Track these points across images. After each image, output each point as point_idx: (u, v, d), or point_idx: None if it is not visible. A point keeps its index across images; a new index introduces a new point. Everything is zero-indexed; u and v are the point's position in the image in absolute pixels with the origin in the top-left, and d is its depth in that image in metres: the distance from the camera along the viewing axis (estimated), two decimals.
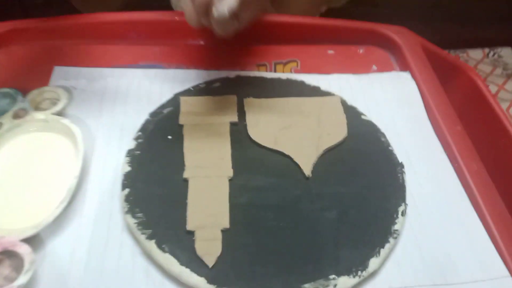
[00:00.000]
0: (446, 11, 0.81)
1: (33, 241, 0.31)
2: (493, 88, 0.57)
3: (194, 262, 0.30)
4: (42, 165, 0.36)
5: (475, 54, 0.62)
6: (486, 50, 0.62)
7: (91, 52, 0.46)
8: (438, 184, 0.38)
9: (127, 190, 0.34)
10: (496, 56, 0.62)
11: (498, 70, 0.60)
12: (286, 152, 0.37)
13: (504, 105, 0.55)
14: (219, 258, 0.31)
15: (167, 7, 0.66)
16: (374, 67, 0.48)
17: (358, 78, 0.46)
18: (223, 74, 0.44)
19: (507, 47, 0.62)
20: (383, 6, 0.91)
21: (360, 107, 0.42)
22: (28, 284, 0.29)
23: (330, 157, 0.38)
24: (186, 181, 0.35)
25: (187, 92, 0.41)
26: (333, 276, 0.30)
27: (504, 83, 0.58)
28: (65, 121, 0.38)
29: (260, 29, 0.47)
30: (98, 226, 0.33)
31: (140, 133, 0.38)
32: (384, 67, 0.48)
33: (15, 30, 0.46)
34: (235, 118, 0.40)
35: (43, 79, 0.42)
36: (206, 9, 0.34)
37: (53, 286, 0.29)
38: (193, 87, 0.42)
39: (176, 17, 0.47)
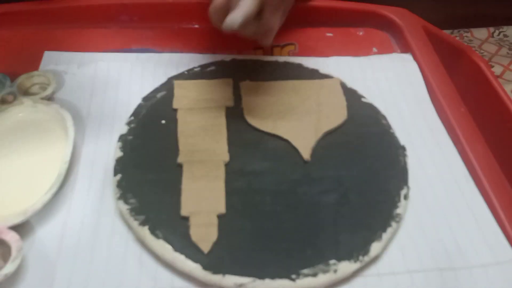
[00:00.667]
0: None
1: (22, 228, 0.30)
2: (498, 69, 0.56)
3: (188, 248, 0.29)
4: (31, 151, 0.34)
5: (480, 33, 0.60)
6: (491, 29, 0.60)
7: (83, 36, 0.45)
8: (442, 167, 0.36)
9: (119, 176, 0.32)
10: (501, 35, 0.60)
11: (504, 50, 0.58)
12: (284, 136, 0.36)
13: (510, 86, 0.54)
14: (215, 244, 0.29)
15: None
16: (375, 50, 0.47)
17: (358, 60, 0.45)
18: (218, 57, 0.43)
19: None
20: None
21: (360, 90, 0.41)
22: (16, 273, 0.28)
23: (330, 141, 0.37)
24: (180, 166, 0.33)
25: (181, 76, 0.40)
26: (333, 261, 0.29)
27: (510, 63, 0.56)
28: (54, 106, 0.36)
29: None
30: (89, 213, 0.31)
31: (132, 118, 0.36)
32: (384, 50, 0.47)
33: (5, 13, 0.44)
34: (231, 102, 0.38)
35: (33, 64, 0.41)
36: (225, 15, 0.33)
37: (41, 275, 0.28)
38: (187, 71, 0.41)
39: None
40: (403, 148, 0.36)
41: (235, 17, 0.31)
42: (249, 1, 0.32)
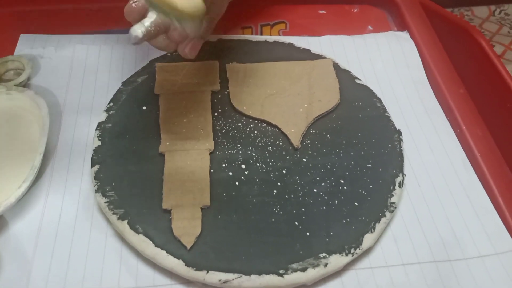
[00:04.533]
0: None
1: None
2: (499, 48, 0.53)
3: (170, 243, 0.27)
4: (4, 141, 0.33)
5: (480, 12, 0.58)
6: (492, 7, 0.58)
7: (60, 17, 0.42)
8: (439, 152, 0.35)
9: (97, 167, 0.31)
10: (502, 13, 0.58)
11: (505, 29, 0.56)
12: (273, 122, 0.34)
13: (511, 67, 0.51)
14: (198, 238, 0.28)
15: None
16: (370, 28, 0.45)
17: (352, 39, 0.43)
18: None
19: None
20: None
21: (354, 71, 0.39)
22: None
23: (321, 126, 0.35)
24: (162, 155, 0.32)
25: (163, 59, 0.38)
26: (324, 254, 0.28)
27: (511, 43, 0.54)
28: (29, 93, 0.34)
29: None
30: (66, 207, 0.30)
31: (111, 104, 0.34)
32: (380, 27, 0.45)
33: None
34: (217, 86, 0.36)
35: (8, 48, 0.39)
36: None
37: (17, 273, 0.27)
38: (170, 53, 0.38)
39: None
40: (398, 133, 0.35)
41: (136, 28, 0.27)
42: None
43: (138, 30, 0.27)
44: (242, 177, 0.31)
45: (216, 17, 0.35)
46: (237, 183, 0.31)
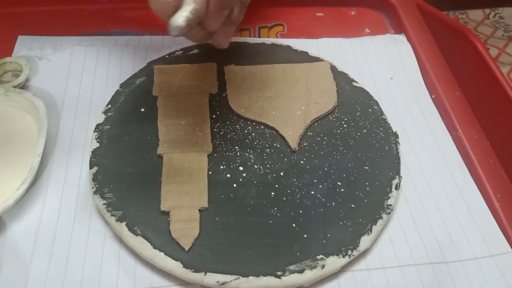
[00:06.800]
0: None
1: None
2: (493, 51, 0.54)
3: (168, 245, 0.28)
4: (2, 143, 0.33)
5: (475, 15, 0.58)
6: (487, 10, 0.58)
7: (58, 19, 0.42)
8: (436, 155, 0.35)
9: (95, 168, 0.31)
10: (497, 17, 0.58)
11: (499, 32, 0.57)
12: (271, 124, 0.34)
13: (505, 69, 0.52)
14: (197, 240, 0.28)
15: None
16: (367, 30, 0.45)
17: (349, 42, 0.43)
18: None
19: (509, 7, 0.58)
20: None
21: (352, 73, 0.39)
22: None
23: (319, 128, 0.35)
24: (160, 157, 0.32)
25: (162, 60, 0.38)
26: (321, 256, 0.28)
27: (505, 46, 0.54)
28: (27, 94, 0.34)
29: None
30: (64, 209, 0.30)
31: (109, 106, 0.34)
32: (377, 30, 0.45)
33: None
34: (214, 88, 0.36)
35: (6, 50, 0.39)
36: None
37: (15, 275, 0.27)
38: (168, 55, 0.38)
39: None
40: (395, 135, 0.35)
41: (177, 18, 0.26)
42: None
43: (179, 19, 0.25)
44: (240, 179, 0.31)
45: (247, 0, 0.34)
46: (235, 185, 0.31)
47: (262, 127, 0.35)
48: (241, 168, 0.32)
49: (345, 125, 0.35)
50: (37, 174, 0.31)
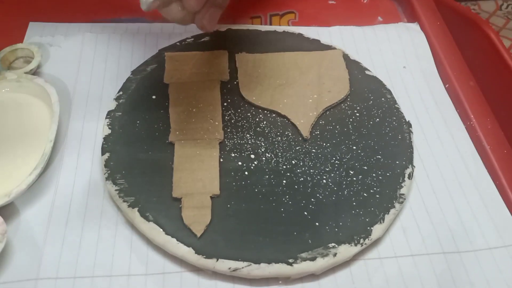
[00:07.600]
0: None
1: (6, 210, 0.29)
2: (506, 43, 0.53)
3: (180, 231, 0.28)
4: (15, 129, 0.33)
5: (487, 6, 0.57)
6: (499, 1, 0.57)
7: (69, 5, 0.42)
8: (449, 144, 0.34)
9: (107, 155, 0.31)
10: (509, 8, 0.57)
11: None
12: (282, 112, 0.34)
13: None
14: (208, 226, 0.28)
15: None
16: (380, 19, 0.44)
17: (362, 30, 0.42)
18: None
19: None
20: None
21: (364, 62, 0.39)
22: (1, 257, 0.26)
23: (331, 117, 0.35)
24: (172, 144, 0.32)
25: (173, 48, 0.38)
26: (333, 244, 0.28)
27: None
28: (39, 80, 0.34)
29: None
30: (77, 194, 0.30)
31: (121, 93, 0.34)
32: (390, 19, 0.44)
33: None
34: (226, 76, 0.36)
35: (17, 36, 0.39)
36: None
37: (28, 259, 0.27)
38: (179, 42, 0.38)
39: None
40: (408, 124, 0.35)
41: None
42: None
43: None
44: (252, 167, 0.31)
45: None
46: (246, 172, 0.31)
47: (274, 115, 0.34)
48: (252, 156, 0.32)
49: (357, 114, 0.35)
50: (49, 159, 0.31)
